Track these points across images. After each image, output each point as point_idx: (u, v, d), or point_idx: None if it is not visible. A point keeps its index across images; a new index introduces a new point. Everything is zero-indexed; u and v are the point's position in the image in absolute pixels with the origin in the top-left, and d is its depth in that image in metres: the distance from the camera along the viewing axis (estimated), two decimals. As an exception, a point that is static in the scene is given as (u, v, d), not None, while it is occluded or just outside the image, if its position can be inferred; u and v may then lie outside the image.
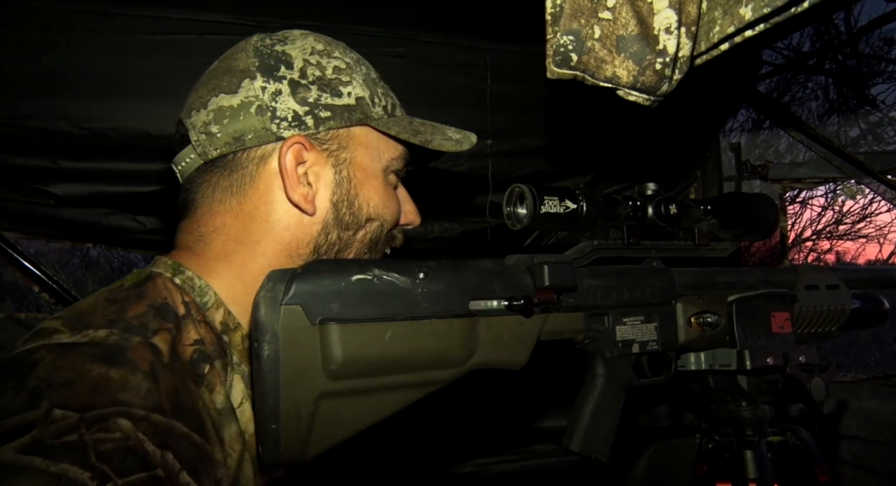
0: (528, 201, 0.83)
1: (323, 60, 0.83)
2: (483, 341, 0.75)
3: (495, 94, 1.87)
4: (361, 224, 0.85)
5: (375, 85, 0.88)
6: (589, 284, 0.88)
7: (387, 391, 0.69)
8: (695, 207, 1.02)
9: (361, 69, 0.87)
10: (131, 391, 0.63)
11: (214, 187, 0.82)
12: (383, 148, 0.87)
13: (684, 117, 2.04)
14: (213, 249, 0.82)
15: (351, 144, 0.85)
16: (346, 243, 0.85)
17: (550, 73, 0.61)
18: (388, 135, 0.87)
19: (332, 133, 0.83)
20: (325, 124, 0.82)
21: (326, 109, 0.82)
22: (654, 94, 0.59)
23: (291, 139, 0.80)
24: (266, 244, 0.82)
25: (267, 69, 0.81)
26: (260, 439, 0.64)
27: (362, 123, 0.85)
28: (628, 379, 0.92)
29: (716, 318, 0.96)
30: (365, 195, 0.85)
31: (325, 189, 0.83)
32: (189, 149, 0.82)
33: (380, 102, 0.87)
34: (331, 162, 0.83)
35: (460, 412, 2.02)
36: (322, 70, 0.83)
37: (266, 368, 0.62)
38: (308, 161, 0.82)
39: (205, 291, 0.79)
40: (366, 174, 0.86)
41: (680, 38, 0.53)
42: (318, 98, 0.81)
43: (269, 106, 0.79)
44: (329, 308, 0.65)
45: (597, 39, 0.56)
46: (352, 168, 0.85)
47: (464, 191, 2.03)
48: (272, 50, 0.82)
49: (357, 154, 0.85)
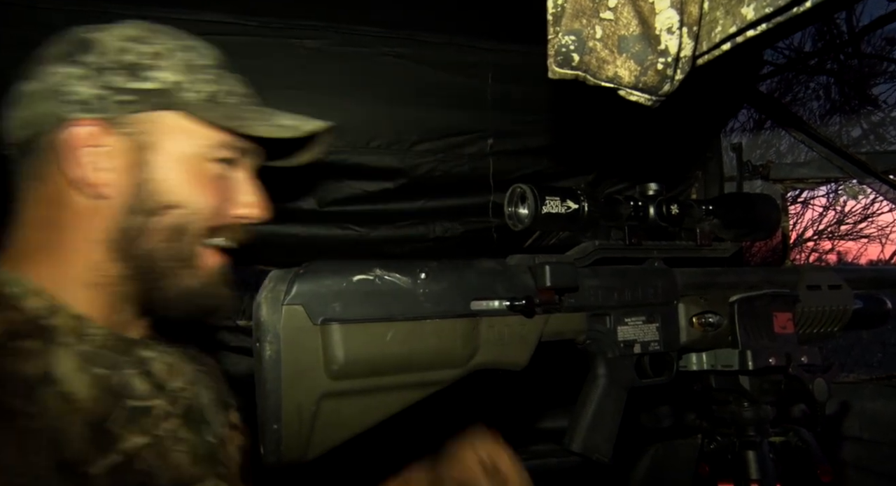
0: (530, 201, 0.83)
1: (135, 46, 0.82)
2: (485, 341, 0.75)
3: (496, 94, 1.87)
4: (159, 210, 0.82)
5: (199, 71, 0.85)
6: (590, 284, 0.88)
7: (388, 392, 0.69)
8: (696, 208, 1.02)
9: (184, 56, 0.84)
10: None
11: (23, 175, 0.83)
12: (198, 135, 0.84)
13: (685, 117, 2.03)
14: (27, 239, 0.82)
15: (156, 129, 0.82)
16: (143, 229, 0.82)
17: (552, 73, 0.61)
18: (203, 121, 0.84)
19: (134, 117, 0.81)
20: (125, 108, 0.80)
21: (129, 94, 0.80)
22: (656, 94, 0.59)
23: (83, 123, 0.79)
24: (70, 231, 0.81)
25: (70, 54, 0.80)
26: (262, 439, 0.64)
27: (169, 108, 0.82)
28: (630, 379, 0.92)
29: (718, 318, 0.96)
30: (167, 181, 0.82)
31: (123, 173, 0.81)
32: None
33: (199, 89, 0.84)
34: (129, 146, 0.81)
35: (462, 413, 2.02)
36: (132, 55, 0.81)
37: (268, 368, 0.62)
38: (105, 144, 0.80)
39: (13, 283, 0.78)
40: (171, 160, 0.83)
41: (682, 38, 0.53)
42: (122, 82, 0.80)
43: (61, 91, 0.79)
44: (331, 308, 0.65)
45: (598, 39, 0.56)
46: (153, 153, 0.82)
47: (465, 191, 2.03)
48: (83, 37, 0.82)
49: (163, 139, 0.83)
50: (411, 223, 2.03)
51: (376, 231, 1.99)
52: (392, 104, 1.84)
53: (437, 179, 1.95)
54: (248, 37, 1.66)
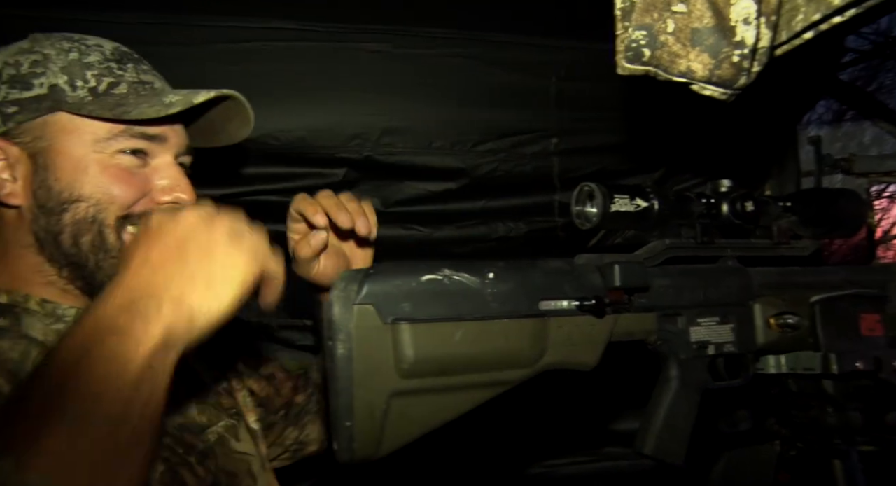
0: (598, 200, 0.81)
1: (22, 57, 0.87)
2: (553, 341, 0.74)
3: (561, 92, 1.85)
4: (66, 207, 0.86)
5: (85, 68, 0.87)
6: (661, 284, 0.86)
7: (457, 391, 0.69)
8: (773, 204, 0.98)
9: (69, 56, 0.87)
10: None
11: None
12: (90, 130, 0.87)
13: (759, 110, 1.96)
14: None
15: (47, 133, 0.86)
16: (57, 228, 0.86)
17: (621, 69, 0.60)
18: (85, 116, 0.86)
19: (25, 126, 0.86)
20: (13, 119, 0.85)
21: (13, 105, 0.85)
22: (731, 87, 0.57)
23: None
24: (6, 240, 0.88)
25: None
26: (334, 436, 0.65)
27: (53, 111, 0.86)
28: (703, 381, 0.89)
29: (797, 319, 0.92)
30: (66, 180, 0.86)
31: (26, 181, 0.86)
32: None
33: (85, 85, 0.87)
34: (26, 154, 0.86)
35: (530, 413, 2.01)
36: (17, 67, 0.86)
37: (340, 366, 0.64)
38: (7, 157, 0.86)
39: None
40: (68, 159, 0.86)
41: (759, 28, 0.51)
42: (6, 95, 0.85)
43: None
44: (400, 308, 0.66)
45: (670, 33, 0.54)
46: (49, 156, 0.86)
47: (528, 190, 2.01)
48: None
49: (55, 141, 0.86)
50: (474, 223, 2.03)
51: (439, 231, 2.01)
52: (453, 105, 1.85)
53: (499, 178, 1.95)
54: (313, 42, 1.70)
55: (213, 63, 1.64)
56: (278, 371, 1.20)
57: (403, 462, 0.87)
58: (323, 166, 1.80)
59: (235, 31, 1.65)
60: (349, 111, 1.77)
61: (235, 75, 1.64)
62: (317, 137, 1.76)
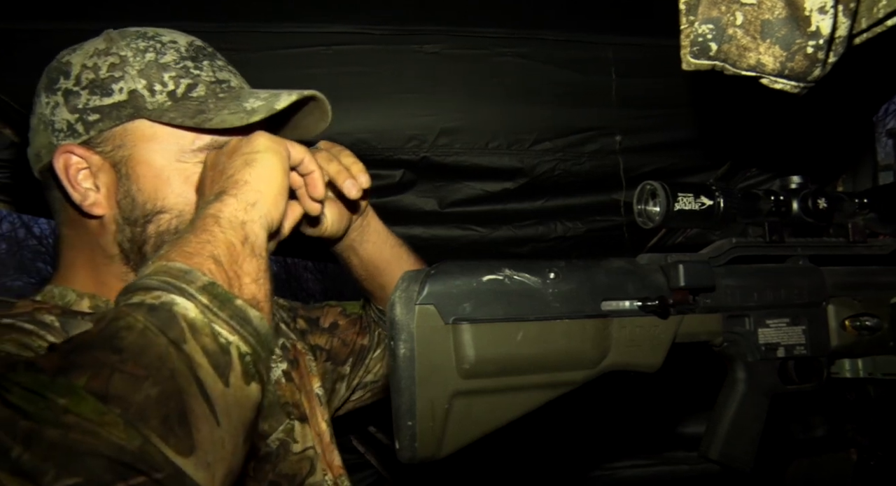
0: (661, 198, 0.80)
1: (99, 60, 0.84)
2: (616, 342, 0.73)
3: (621, 89, 1.82)
4: (150, 218, 0.84)
5: (162, 70, 0.84)
6: (727, 284, 0.84)
7: (518, 392, 0.69)
8: (848, 201, 0.94)
9: (144, 57, 0.84)
10: None
11: (50, 201, 0.90)
12: (171, 137, 0.84)
13: (833, 101, 1.87)
14: (65, 258, 0.90)
15: (128, 141, 0.84)
16: (143, 238, 0.85)
17: (686, 64, 0.58)
18: (166, 124, 0.84)
19: (106, 134, 0.83)
20: (94, 127, 0.83)
21: (95, 112, 0.83)
22: (805, 80, 0.55)
23: (60, 149, 0.83)
24: (90, 249, 0.87)
25: (49, 84, 0.85)
26: (396, 435, 0.66)
27: (135, 118, 0.83)
28: (772, 385, 0.87)
29: (876, 321, 0.88)
30: (150, 189, 0.84)
31: (109, 190, 0.85)
32: None
33: (163, 89, 0.83)
34: (109, 163, 0.84)
35: (591, 415, 1.99)
36: (96, 71, 0.83)
37: (402, 366, 0.64)
38: (90, 166, 0.84)
39: (64, 294, 0.87)
40: (150, 168, 0.84)
41: (836, 16, 0.49)
42: (87, 102, 0.83)
43: (49, 121, 0.84)
44: (461, 308, 0.66)
45: (739, 26, 0.52)
46: (132, 165, 0.84)
47: (586, 189, 1.99)
48: (59, 62, 0.86)
49: (137, 150, 0.84)
50: (531, 223, 2.02)
51: (497, 231, 2.01)
52: (510, 104, 1.85)
53: (556, 178, 1.93)
54: (372, 45, 1.73)
55: (273, 68, 1.68)
56: (340, 318, 1.20)
57: (465, 463, 0.87)
58: (381, 168, 1.83)
59: (295, 37, 1.69)
60: (406, 113, 1.79)
61: (296, 80, 1.68)
62: (376, 139, 1.78)
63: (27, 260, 4.76)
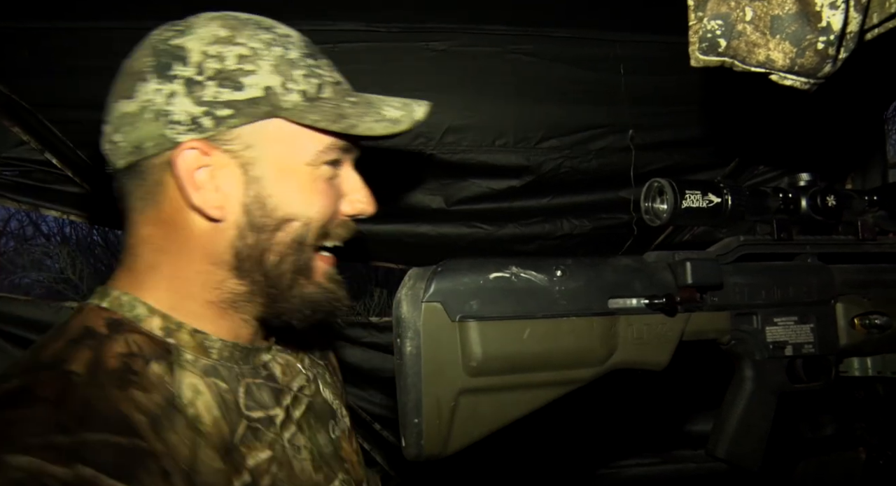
0: (668, 196, 0.79)
1: (224, 49, 0.75)
2: (623, 340, 0.73)
3: (627, 86, 1.81)
4: (278, 225, 0.77)
5: (293, 67, 0.77)
6: (735, 282, 0.84)
7: (525, 389, 0.69)
8: (857, 198, 0.93)
9: (273, 51, 0.77)
10: (26, 423, 0.63)
11: (133, 197, 0.79)
12: (304, 140, 0.78)
13: (842, 98, 1.86)
14: (141, 261, 0.79)
15: (260, 141, 0.76)
16: (266, 246, 0.77)
17: (695, 60, 0.58)
18: (305, 125, 0.77)
19: (236, 132, 0.75)
20: (225, 124, 0.74)
21: (226, 107, 0.74)
22: (815, 76, 0.54)
23: (185, 145, 0.74)
24: (188, 253, 0.78)
25: (160, 68, 0.75)
26: (403, 432, 0.66)
27: (271, 116, 0.76)
28: (780, 384, 0.86)
29: (885, 319, 0.87)
30: (281, 195, 0.77)
31: (234, 192, 0.76)
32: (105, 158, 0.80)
33: (296, 87, 0.76)
34: (237, 163, 0.76)
35: (597, 413, 1.98)
36: (222, 61, 0.74)
37: (408, 364, 0.64)
38: (212, 165, 0.75)
39: (133, 305, 0.77)
40: (281, 172, 0.77)
41: (848, 12, 0.48)
42: (216, 95, 0.74)
43: (163, 110, 0.74)
44: (468, 306, 0.66)
45: (748, 22, 0.52)
46: (263, 167, 0.76)
47: (593, 187, 1.98)
48: (168, 45, 0.76)
49: (268, 151, 0.76)
50: (538, 221, 2.02)
51: (503, 229, 2.01)
52: (517, 102, 1.85)
53: (563, 175, 1.93)
54: (379, 43, 1.73)
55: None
56: None
57: (470, 460, 0.87)
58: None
59: (308, 34, 1.69)
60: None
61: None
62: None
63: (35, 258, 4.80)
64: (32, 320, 1.88)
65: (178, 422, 0.71)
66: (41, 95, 1.73)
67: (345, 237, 0.85)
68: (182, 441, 0.70)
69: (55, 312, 1.89)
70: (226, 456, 0.74)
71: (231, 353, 0.80)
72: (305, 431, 0.86)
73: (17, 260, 4.92)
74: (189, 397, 0.74)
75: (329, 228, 0.81)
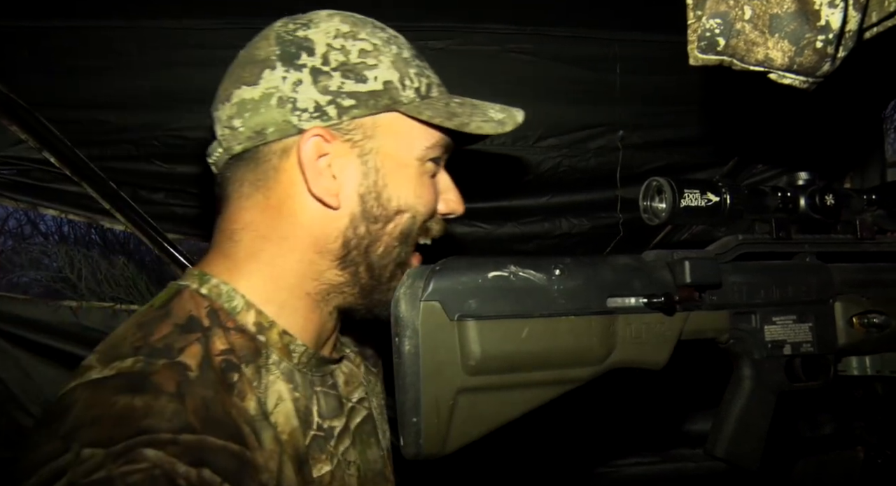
0: (667, 195, 0.79)
1: (347, 44, 0.78)
2: (622, 339, 0.73)
3: (624, 85, 1.81)
4: (391, 217, 0.79)
5: (407, 65, 0.80)
6: (734, 281, 0.84)
7: (524, 388, 0.69)
8: (856, 197, 0.93)
9: (391, 49, 0.80)
10: (155, 417, 0.63)
11: (241, 182, 0.80)
12: (416, 135, 0.80)
13: (841, 97, 1.86)
14: (241, 247, 0.80)
15: (378, 133, 0.79)
16: (376, 237, 0.79)
17: (694, 59, 0.58)
18: (420, 120, 0.80)
19: (357, 122, 0.77)
20: (348, 113, 0.76)
21: (350, 97, 0.76)
22: (813, 75, 0.54)
23: (310, 131, 0.76)
24: (294, 240, 0.79)
25: (287, 57, 0.77)
26: (401, 431, 0.66)
27: (390, 110, 0.78)
28: (779, 383, 0.87)
29: (884, 319, 0.88)
30: (394, 186, 0.79)
31: (351, 181, 0.78)
32: (217, 143, 0.81)
33: (411, 84, 0.80)
34: (356, 153, 0.78)
35: (596, 411, 1.99)
36: (346, 54, 0.77)
37: (407, 363, 0.64)
38: (331, 153, 0.77)
39: (232, 295, 0.77)
40: (396, 164, 0.79)
41: (847, 10, 0.48)
42: (341, 85, 0.76)
43: (289, 97, 0.76)
44: (467, 305, 0.66)
45: (747, 21, 0.52)
46: (379, 158, 0.79)
47: (592, 186, 1.98)
48: (294, 36, 0.78)
49: (385, 143, 0.79)
50: (536, 220, 2.02)
51: (502, 228, 2.00)
52: (516, 100, 1.83)
53: (562, 174, 1.93)
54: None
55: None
56: None
57: (469, 459, 0.87)
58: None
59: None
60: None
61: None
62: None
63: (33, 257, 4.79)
64: (30, 319, 1.87)
65: (266, 434, 0.72)
66: (39, 93, 1.73)
67: (438, 235, 0.87)
68: (271, 455, 0.71)
69: (53, 311, 1.88)
70: (299, 468, 0.74)
71: (309, 360, 0.81)
72: (357, 445, 0.87)
73: (15, 259, 4.91)
74: (272, 405, 0.75)
75: (429, 223, 0.84)
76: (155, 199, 1.90)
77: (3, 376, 1.85)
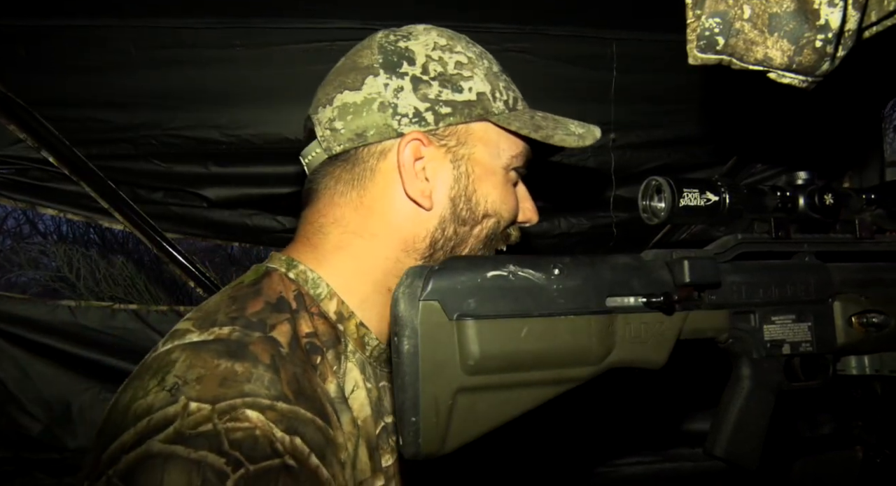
0: (666, 194, 0.79)
1: (445, 55, 0.84)
2: (621, 338, 0.73)
3: (622, 85, 1.81)
4: (478, 220, 0.85)
5: (497, 79, 0.86)
6: (733, 280, 0.84)
7: (523, 388, 0.69)
8: (855, 197, 0.93)
9: (483, 63, 0.86)
10: (256, 383, 0.68)
11: (337, 180, 0.85)
12: (504, 144, 0.86)
13: (840, 96, 1.86)
14: (330, 240, 0.84)
15: (470, 140, 0.84)
16: (462, 239, 0.84)
17: (693, 58, 0.58)
18: (508, 131, 0.85)
19: (452, 129, 0.83)
20: (444, 120, 0.82)
21: (447, 105, 0.82)
22: (813, 74, 0.54)
23: (410, 135, 0.81)
24: (383, 238, 0.83)
25: (390, 66, 0.82)
26: (400, 430, 0.66)
27: (482, 119, 0.84)
28: (778, 382, 0.86)
29: (883, 318, 0.88)
30: (483, 191, 0.84)
31: (443, 185, 0.83)
32: (315, 143, 0.85)
33: (501, 97, 0.85)
34: (449, 158, 0.83)
35: (595, 411, 1.99)
36: (444, 65, 0.83)
37: (406, 362, 0.64)
38: (426, 157, 0.82)
39: (318, 283, 0.82)
40: (485, 170, 0.85)
41: (846, 9, 0.48)
42: (439, 94, 0.82)
43: (390, 102, 0.81)
44: (466, 304, 0.66)
45: (746, 20, 0.52)
46: (470, 164, 0.84)
47: (592, 185, 1.98)
48: (395, 46, 0.84)
49: (476, 150, 0.84)
50: (535, 219, 2.01)
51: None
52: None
53: (560, 173, 1.92)
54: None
55: (273, 65, 1.68)
56: None
57: (468, 458, 0.87)
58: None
59: (296, 33, 1.69)
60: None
61: (297, 76, 1.68)
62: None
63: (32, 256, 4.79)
64: (29, 318, 1.87)
65: (345, 417, 0.76)
66: (38, 92, 1.73)
67: (515, 242, 0.92)
68: (349, 437, 0.75)
69: (51, 310, 1.88)
70: (371, 454, 0.78)
71: (380, 354, 0.85)
72: None
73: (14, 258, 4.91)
74: (349, 391, 0.79)
75: (510, 229, 0.89)
76: (153, 198, 1.90)
77: (2, 375, 1.85)
